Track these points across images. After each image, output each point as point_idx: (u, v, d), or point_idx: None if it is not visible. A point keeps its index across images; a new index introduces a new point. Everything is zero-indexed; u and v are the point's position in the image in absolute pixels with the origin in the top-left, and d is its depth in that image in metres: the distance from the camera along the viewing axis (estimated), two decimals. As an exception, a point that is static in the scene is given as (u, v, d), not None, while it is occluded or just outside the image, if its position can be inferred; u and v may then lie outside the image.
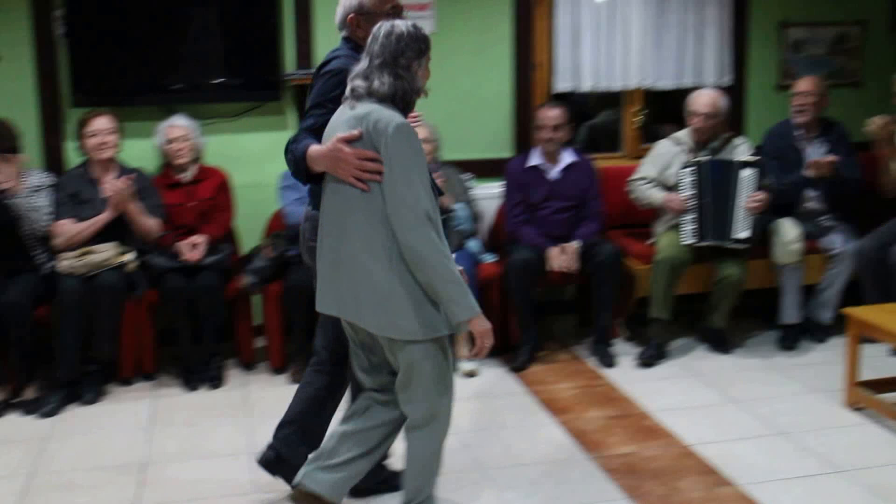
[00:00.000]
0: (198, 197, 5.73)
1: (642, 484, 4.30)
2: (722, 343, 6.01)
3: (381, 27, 3.45)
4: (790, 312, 6.04)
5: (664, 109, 6.99)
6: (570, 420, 5.01)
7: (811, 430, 4.84)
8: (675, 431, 4.85)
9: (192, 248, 5.54)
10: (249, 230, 6.06)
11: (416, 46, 3.46)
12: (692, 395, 5.34)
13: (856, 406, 5.06)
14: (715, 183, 5.82)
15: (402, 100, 3.44)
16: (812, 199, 6.14)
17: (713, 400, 5.28)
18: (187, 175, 5.76)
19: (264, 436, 4.84)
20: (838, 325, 5.70)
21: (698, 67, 6.75)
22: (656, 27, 6.64)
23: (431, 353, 3.49)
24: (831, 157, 5.94)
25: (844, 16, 6.94)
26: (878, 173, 6.00)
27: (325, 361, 4.05)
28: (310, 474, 3.73)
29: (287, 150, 3.70)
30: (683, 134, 6.09)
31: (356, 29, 3.81)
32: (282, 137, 6.04)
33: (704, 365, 5.79)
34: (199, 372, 5.56)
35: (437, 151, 5.87)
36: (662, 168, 6.03)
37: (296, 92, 6.10)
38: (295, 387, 5.19)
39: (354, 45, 3.80)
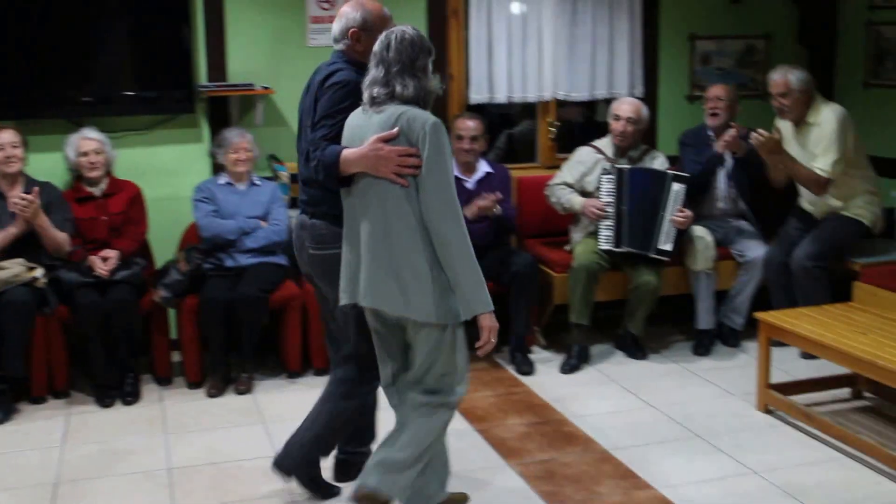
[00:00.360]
0: (110, 211, 5.64)
1: (561, 490, 4.33)
2: (639, 349, 6.09)
3: (392, 35, 3.61)
4: (704, 318, 6.14)
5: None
6: (489, 428, 5.02)
7: (725, 433, 4.92)
8: (594, 437, 4.90)
9: (104, 261, 5.46)
10: (163, 244, 5.97)
11: (426, 49, 3.63)
12: (610, 401, 5.39)
13: (768, 408, 5.16)
14: (637, 191, 5.90)
15: (423, 100, 3.61)
16: (722, 200, 6.26)
17: (631, 405, 5.33)
18: (99, 189, 5.67)
19: (181, 451, 4.80)
20: (750, 330, 5.81)
21: (611, 79, 6.84)
22: (569, 39, 6.71)
23: (459, 335, 3.70)
24: (734, 128, 6.06)
25: (751, 29, 7.09)
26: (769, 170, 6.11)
27: (353, 380, 4.12)
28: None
29: (309, 160, 3.76)
30: (604, 142, 6.17)
31: (355, 43, 3.93)
32: (196, 150, 6.10)
33: (622, 371, 5.86)
34: (114, 388, 5.46)
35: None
36: (582, 174, 6.10)
37: (209, 104, 6.04)
38: (212, 401, 5.15)
39: (349, 57, 3.93)
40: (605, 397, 5.45)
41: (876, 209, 5.94)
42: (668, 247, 5.87)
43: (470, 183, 5.97)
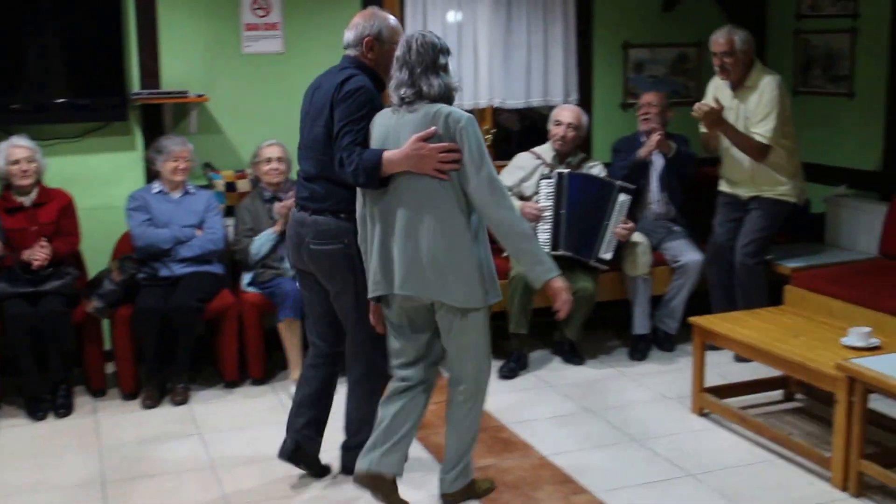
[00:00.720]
0: (40, 221, 5.55)
1: (500, 496, 4.34)
2: (575, 355, 6.13)
3: (413, 39, 3.86)
4: (640, 323, 6.20)
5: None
6: (428, 435, 5.01)
7: (662, 437, 4.97)
8: (532, 442, 4.92)
9: (40, 249, 5.40)
10: (96, 253, 5.89)
11: (445, 49, 3.90)
12: (548, 407, 5.42)
13: (703, 412, 5.22)
14: (577, 196, 5.93)
15: (447, 97, 3.88)
16: (655, 203, 6.34)
17: (568, 410, 5.37)
18: (29, 198, 5.57)
19: (116, 463, 4.73)
20: (685, 334, 5.88)
21: (546, 86, 6.89)
22: (504, 46, 6.74)
23: (486, 319, 4.01)
24: (658, 131, 6.14)
25: (683, 38, 7.19)
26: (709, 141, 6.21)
27: (325, 354, 4.43)
28: (378, 460, 4.09)
29: (346, 165, 3.88)
30: (543, 148, 6.21)
31: (368, 51, 4.15)
32: (129, 158, 6.03)
33: (559, 376, 5.89)
34: (46, 400, 5.38)
35: (289, 171, 5.85)
36: (520, 179, 6.13)
37: (143, 111, 5.98)
38: (147, 412, 5.12)
39: (359, 64, 4.16)
40: (542, 403, 5.47)
41: (801, 184, 6.03)
42: (608, 256, 5.92)
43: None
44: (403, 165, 3.79)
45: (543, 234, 5.93)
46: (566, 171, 6.01)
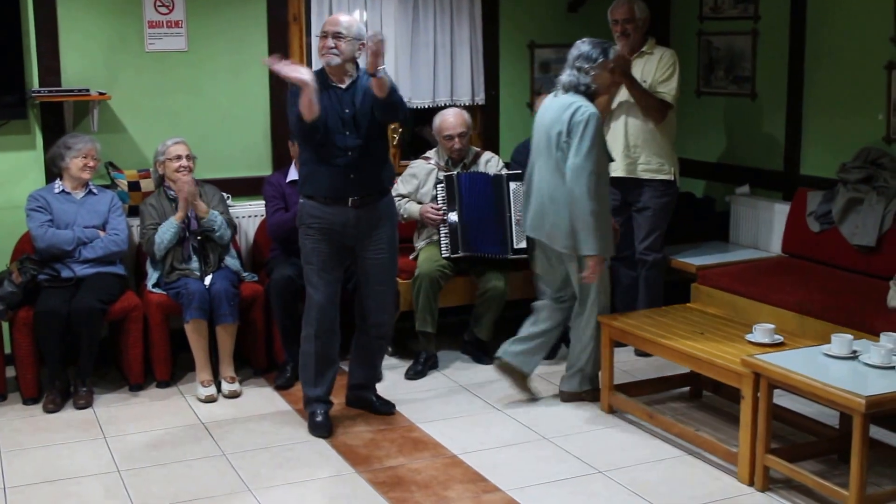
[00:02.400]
0: (-64, 221, 5.39)
1: (411, 496, 4.33)
2: (485, 354, 6.13)
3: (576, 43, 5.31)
4: (549, 322, 6.24)
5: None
6: (336, 436, 4.98)
7: (571, 434, 5.00)
8: (442, 442, 4.91)
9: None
10: (-5, 254, 5.74)
11: (591, 54, 5.20)
12: (458, 406, 5.42)
13: (612, 409, 5.27)
14: (473, 195, 5.95)
15: (582, 91, 5.15)
16: None
17: (478, 409, 5.37)
18: (-77, 198, 5.40)
19: (16, 470, 4.62)
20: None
21: (453, 85, 6.89)
22: (411, 46, 6.73)
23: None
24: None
25: (587, 37, 7.22)
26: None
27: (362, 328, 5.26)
28: (504, 349, 5.44)
29: None
30: (435, 152, 6.20)
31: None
32: (28, 157, 5.88)
33: (469, 375, 5.90)
34: (-58, 407, 5.22)
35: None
36: (416, 187, 6.12)
37: (43, 110, 5.83)
38: (50, 416, 5.03)
39: None
40: (452, 402, 5.47)
41: (675, 158, 6.12)
42: (523, 244, 5.94)
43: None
44: None
45: (444, 238, 5.93)
46: (455, 173, 6.02)
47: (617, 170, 6.10)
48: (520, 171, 6.01)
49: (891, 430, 4.88)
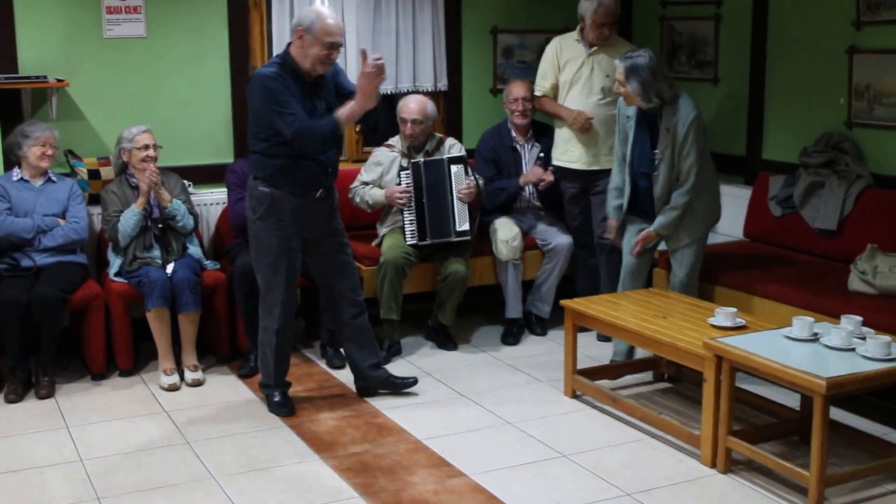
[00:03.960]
0: None
1: (375, 481, 4.32)
2: (449, 340, 6.14)
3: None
4: (512, 307, 6.25)
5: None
6: (301, 423, 4.97)
7: (535, 419, 5.01)
8: (406, 427, 4.91)
9: None
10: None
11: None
12: (422, 392, 5.41)
13: (575, 393, 5.28)
14: (433, 182, 5.95)
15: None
16: (526, 190, 6.40)
17: (442, 395, 5.37)
18: None
19: (-24, 460, 4.56)
20: (556, 317, 5.94)
21: (415, 72, 6.87)
22: (372, 32, 6.69)
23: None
24: (549, 178, 6.21)
25: (551, 23, 7.22)
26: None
27: (330, 300, 5.31)
28: None
29: None
30: (397, 139, 6.18)
31: None
32: (-15, 144, 5.78)
33: (433, 362, 5.90)
34: None
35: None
36: (380, 174, 6.10)
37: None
38: (11, 407, 4.98)
39: None
40: (416, 388, 5.45)
41: None
42: (465, 227, 5.93)
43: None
44: None
45: (410, 225, 5.92)
46: (420, 160, 6.01)
47: (577, 162, 6.13)
48: (462, 155, 6.01)
49: (851, 412, 4.93)
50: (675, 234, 5.36)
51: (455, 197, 5.94)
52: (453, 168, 5.97)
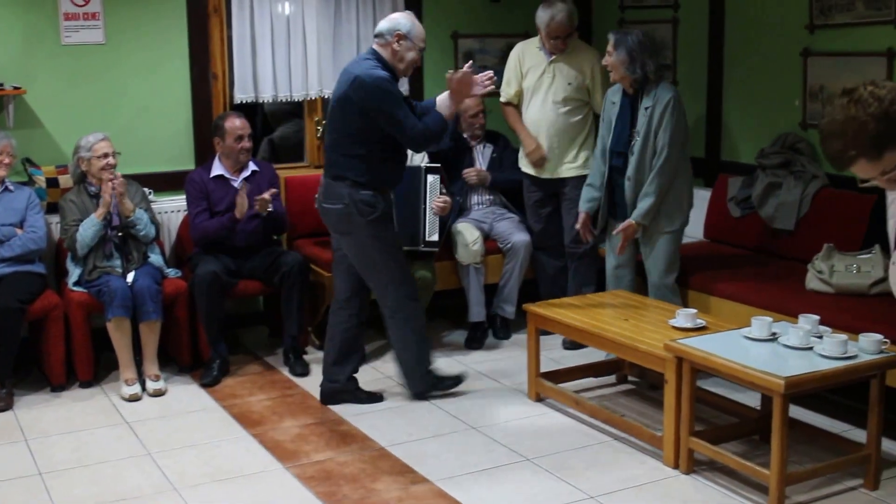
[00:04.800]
0: None
1: (339, 489, 4.31)
2: (413, 344, 6.14)
3: None
4: (476, 311, 6.25)
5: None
6: (264, 432, 4.95)
7: (499, 423, 5.02)
8: (370, 434, 4.91)
9: None
10: None
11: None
12: (386, 398, 5.40)
13: (539, 397, 5.29)
14: (400, 190, 5.94)
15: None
16: (482, 192, 6.45)
17: (406, 401, 5.37)
18: None
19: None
20: (521, 321, 5.95)
21: (377, 77, 6.85)
22: (333, 37, 6.68)
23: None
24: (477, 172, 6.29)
25: (512, 28, 7.24)
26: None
27: (351, 304, 5.27)
28: None
29: None
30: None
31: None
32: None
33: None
34: None
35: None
36: None
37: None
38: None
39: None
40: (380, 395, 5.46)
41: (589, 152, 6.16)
42: (435, 237, 5.95)
43: (237, 182, 5.88)
44: None
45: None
46: None
47: (542, 174, 6.15)
48: (439, 166, 6.02)
49: (811, 410, 4.98)
50: (653, 224, 5.36)
51: (428, 207, 5.94)
52: (429, 178, 5.97)
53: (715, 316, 5.06)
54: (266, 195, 5.73)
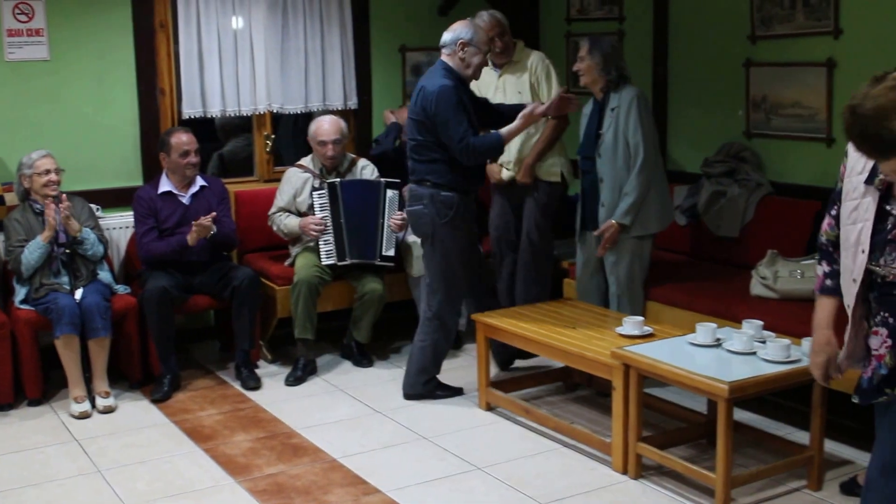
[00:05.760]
0: None
1: (291, 502, 4.32)
2: (364, 357, 6.15)
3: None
4: (426, 322, 6.27)
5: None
6: (216, 446, 4.94)
7: (450, 433, 5.05)
8: (322, 447, 4.91)
9: None
10: None
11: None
12: (338, 410, 5.42)
13: (490, 406, 5.33)
14: (353, 203, 5.97)
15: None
16: None
17: (358, 412, 5.38)
18: None
19: None
20: (472, 331, 5.98)
21: (325, 91, 6.88)
22: (281, 52, 6.69)
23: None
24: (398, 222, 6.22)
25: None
26: None
27: (431, 319, 5.45)
28: None
29: None
30: (309, 160, 6.19)
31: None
32: None
33: (349, 379, 5.90)
34: None
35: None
36: (293, 196, 6.10)
37: None
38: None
39: None
40: (332, 407, 5.47)
41: (565, 160, 6.17)
42: (391, 252, 5.98)
43: (186, 198, 5.87)
44: None
45: (326, 245, 5.93)
46: (337, 180, 6.03)
47: (509, 177, 6.18)
48: (398, 181, 6.05)
49: (756, 413, 5.05)
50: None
51: (386, 222, 5.97)
52: (389, 193, 6.01)
53: (661, 323, 5.12)
54: (204, 220, 5.66)
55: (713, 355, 4.32)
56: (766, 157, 5.97)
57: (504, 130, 5.29)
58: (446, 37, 5.34)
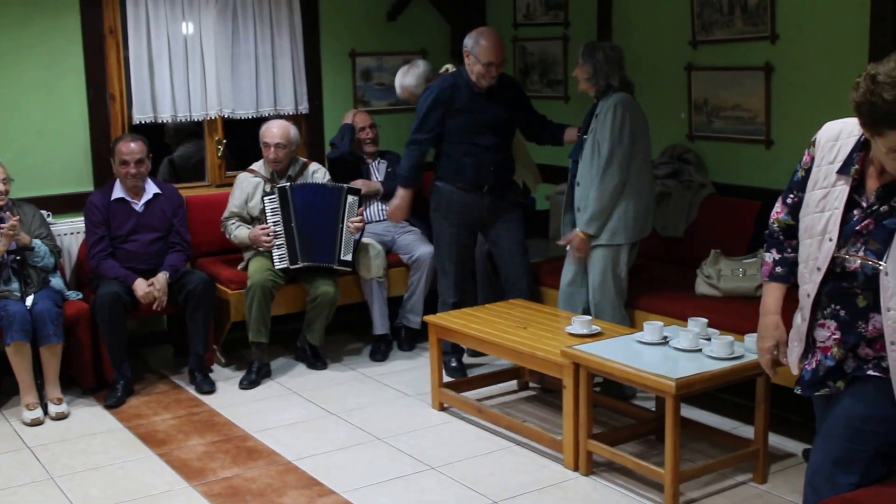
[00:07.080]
0: None
1: (246, 505, 4.36)
2: (318, 359, 6.19)
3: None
4: (379, 324, 6.33)
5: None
6: (170, 451, 4.96)
7: (404, 434, 5.11)
8: (277, 449, 4.95)
9: None
10: None
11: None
12: (292, 412, 5.46)
13: (443, 406, 5.40)
14: (306, 207, 6.00)
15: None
16: (381, 207, 6.56)
17: (312, 414, 5.43)
18: None
19: None
20: (426, 332, 6.05)
21: (276, 95, 6.91)
22: (232, 57, 6.71)
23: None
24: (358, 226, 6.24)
25: (408, 45, 7.38)
26: None
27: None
28: None
29: None
30: (260, 165, 6.22)
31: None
32: None
33: (302, 382, 5.94)
34: None
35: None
36: (244, 201, 6.13)
37: None
38: None
39: None
40: (286, 409, 5.51)
41: (532, 164, 6.31)
42: (349, 257, 6.03)
43: (139, 206, 5.87)
44: None
45: (279, 250, 5.96)
46: (287, 184, 6.07)
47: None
48: (359, 188, 6.12)
49: (703, 409, 5.17)
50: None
51: (345, 227, 6.02)
52: (349, 199, 6.06)
53: (610, 322, 5.21)
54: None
55: (660, 353, 4.42)
56: (707, 159, 6.10)
57: (407, 184, 5.81)
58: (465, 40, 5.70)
